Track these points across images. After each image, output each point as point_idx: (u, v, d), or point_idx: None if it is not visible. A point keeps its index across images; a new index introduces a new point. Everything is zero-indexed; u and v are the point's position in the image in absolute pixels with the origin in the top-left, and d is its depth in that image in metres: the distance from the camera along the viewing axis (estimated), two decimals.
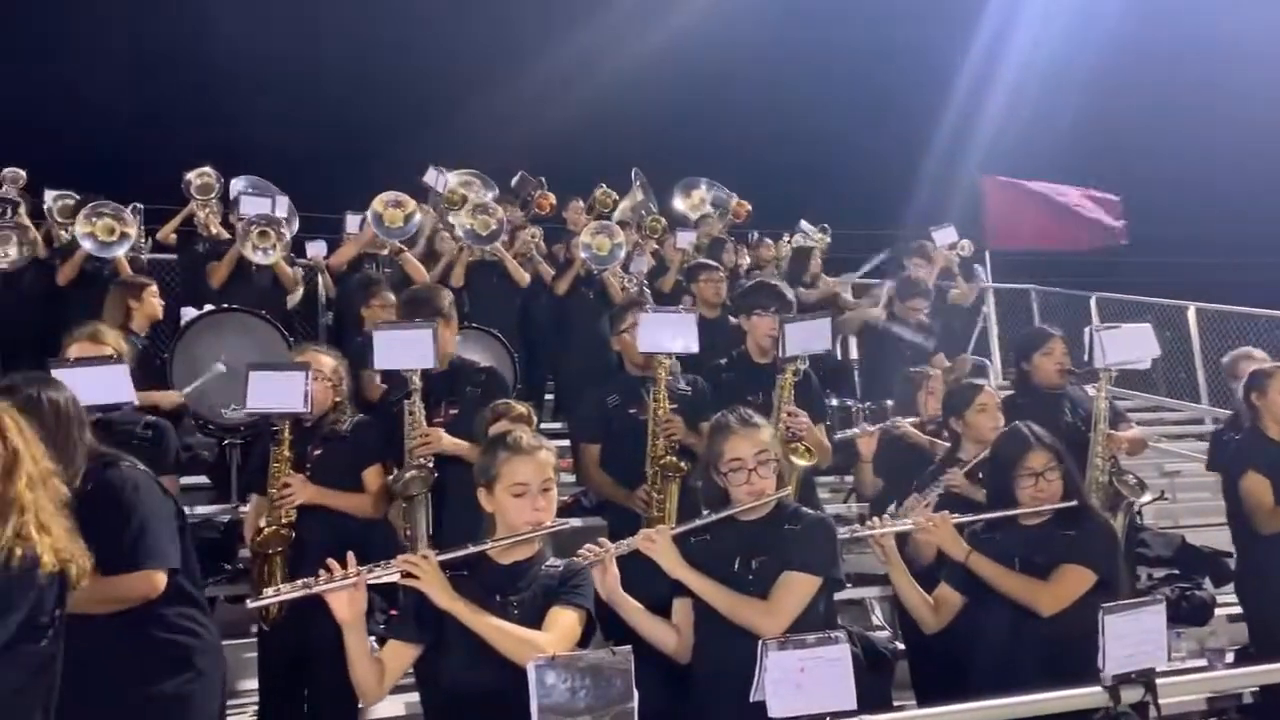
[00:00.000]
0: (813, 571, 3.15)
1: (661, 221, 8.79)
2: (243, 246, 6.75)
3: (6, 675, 2.24)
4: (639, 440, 4.40)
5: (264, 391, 4.04)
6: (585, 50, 14.43)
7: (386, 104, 13.65)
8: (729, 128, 14.51)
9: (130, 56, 12.16)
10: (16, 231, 6.38)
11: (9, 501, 2.26)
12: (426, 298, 4.63)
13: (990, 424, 4.44)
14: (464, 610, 2.79)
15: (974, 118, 16.56)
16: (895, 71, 15.74)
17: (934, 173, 15.42)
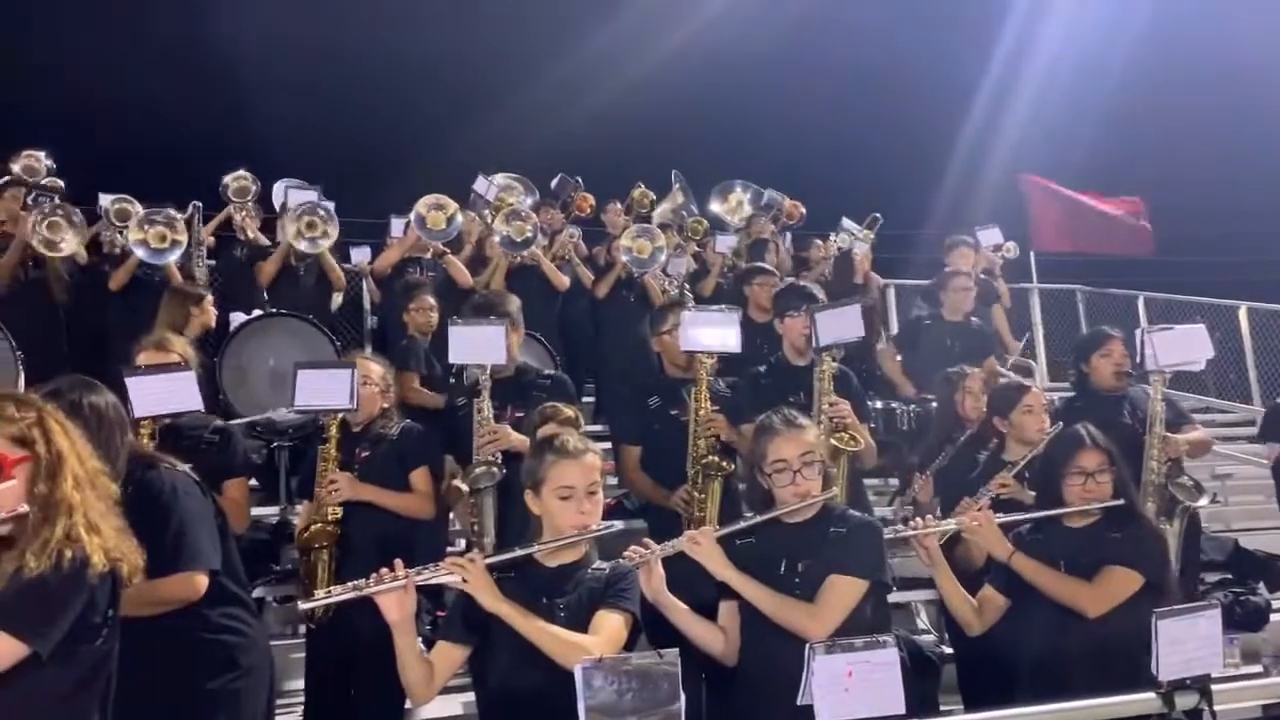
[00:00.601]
0: (859, 574, 3.13)
1: (703, 223, 8.78)
2: (290, 236, 6.83)
3: (63, 674, 2.27)
4: (680, 441, 4.41)
5: (312, 390, 4.11)
6: (606, 52, 14.42)
7: (416, 107, 13.66)
8: (752, 131, 14.40)
9: (170, 60, 12.34)
10: (64, 217, 6.51)
11: (56, 503, 2.29)
12: (495, 302, 4.72)
13: (1036, 425, 4.39)
14: (510, 613, 2.81)
15: (998, 121, 16.34)
16: (918, 73, 15.56)
17: (958, 176, 15.30)
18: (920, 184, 14.67)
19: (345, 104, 13.21)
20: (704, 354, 4.40)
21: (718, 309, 4.60)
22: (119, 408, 3.14)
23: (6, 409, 2.35)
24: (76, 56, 11.91)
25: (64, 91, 11.86)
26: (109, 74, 11.97)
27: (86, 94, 12.00)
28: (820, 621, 3.05)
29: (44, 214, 6.50)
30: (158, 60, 12.28)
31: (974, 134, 16.40)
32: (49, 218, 6.46)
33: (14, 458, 2.31)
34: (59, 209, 6.59)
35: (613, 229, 8.78)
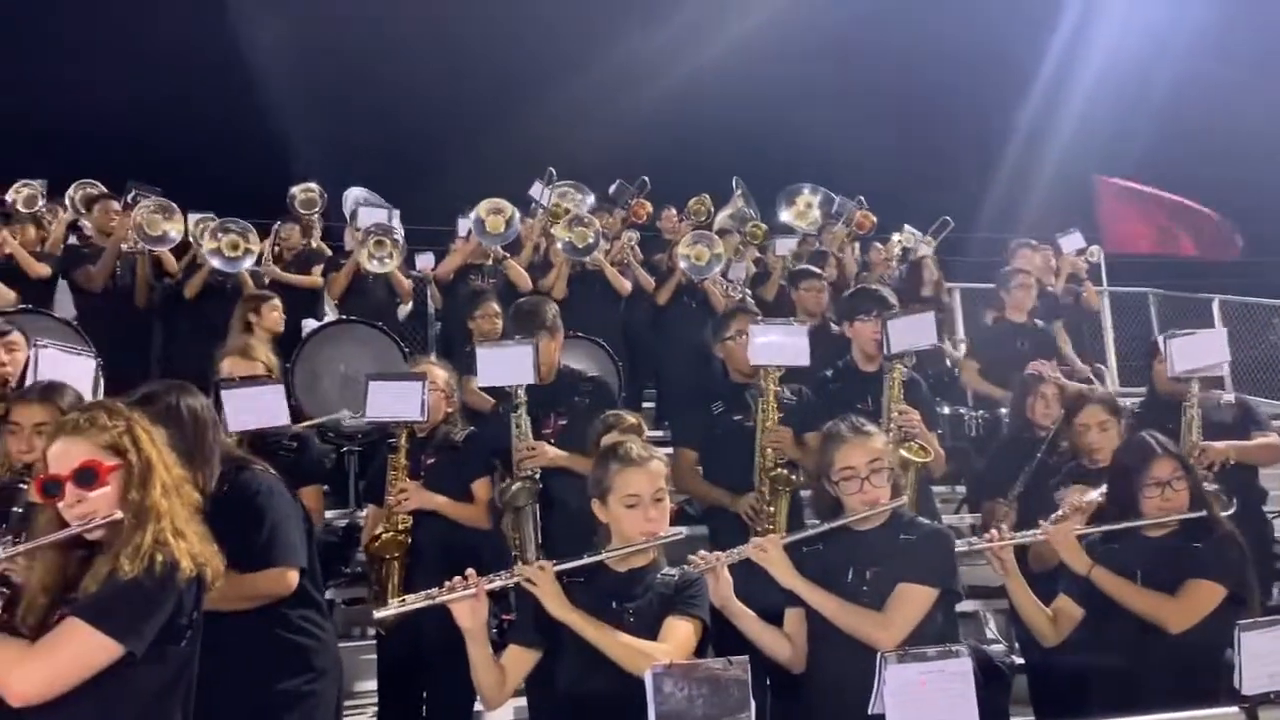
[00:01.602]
0: (929, 583, 3.10)
1: (763, 228, 8.71)
2: (360, 256, 6.97)
3: (152, 674, 2.34)
4: (743, 447, 4.39)
5: (383, 401, 4.17)
6: (649, 55, 14.34)
7: (460, 106, 13.67)
8: (800, 133, 14.19)
9: (237, 72, 12.59)
10: (162, 211, 6.73)
11: (147, 509, 2.37)
12: (531, 310, 4.74)
13: (1096, 443, 4.28)
14: (579, 621, 2.84)
15: (1054, 118, 15.94)
16: (970, 70, 15.22)
17: (1009, 176, 14.98)
18: (971, 184, 14.38)
19: (378, 109, 13.26)
20: (772, 367, 4.37)
21: (784, 321, 4.57)
22: (211, 408, 3.23)
23: (100, 418, 2.43)
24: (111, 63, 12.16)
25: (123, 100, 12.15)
26: (151, 80, 12.24)
27: (136, 100, 12.29)
28: (890, 630, 3.02)
29: (147, 210, 6.73)
30: (222, 70, 12.52)
31: (1028, 133, 16.02)
32: (150, 215, 6.69)
33: (109, 465, 2.39)
34: (156, 205, 6.80)
35: (669, 235, 8.79)
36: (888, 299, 4.89)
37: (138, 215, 6.69)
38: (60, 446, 2.40)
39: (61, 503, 2.37)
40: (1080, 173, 12.54)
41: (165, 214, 6.80)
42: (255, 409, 3.79)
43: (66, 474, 2.36)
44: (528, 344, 4.37)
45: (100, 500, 2.37)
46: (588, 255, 7.33)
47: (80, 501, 2.36)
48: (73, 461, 2.37)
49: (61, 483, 2.36)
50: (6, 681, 2.23)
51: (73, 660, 2.24)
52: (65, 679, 2.23)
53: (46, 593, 2.37)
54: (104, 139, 11.01)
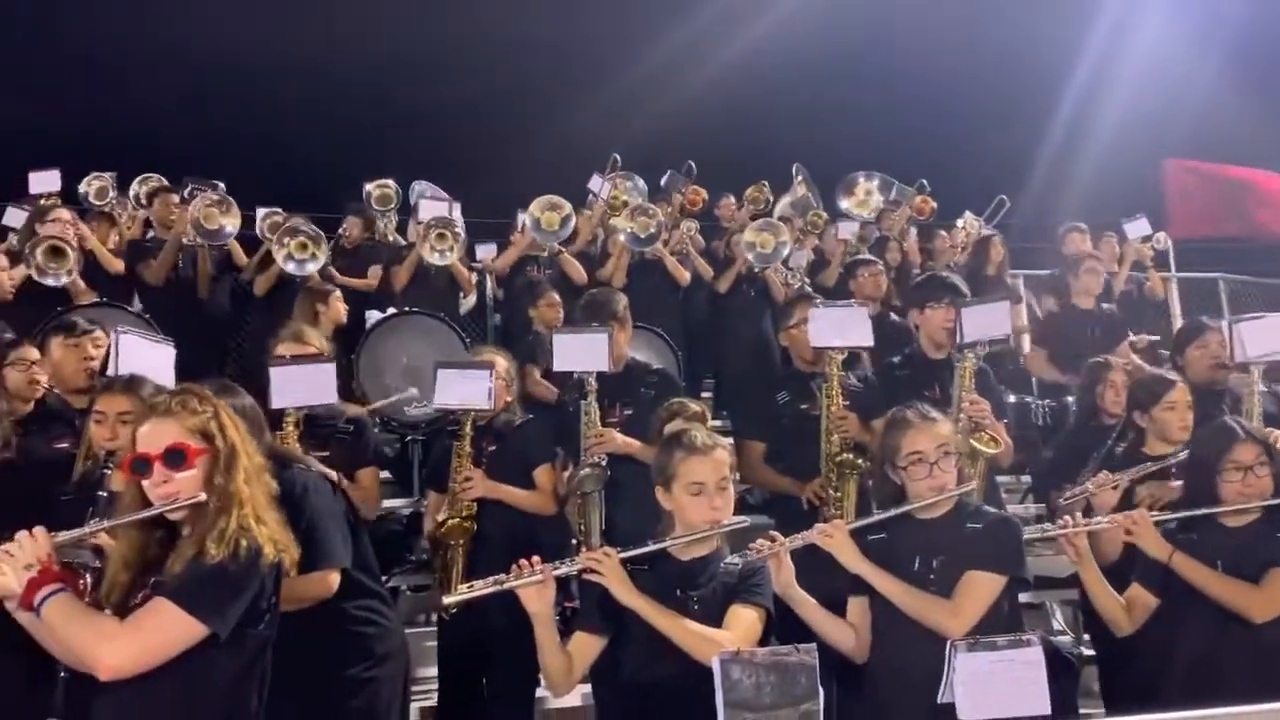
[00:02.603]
0: (997, 570, 3.06)
1: (823, 216, 8.65)
2: (421, 249, 7.06)
3: (233, 656, 2.41)
4: (810, 436, 4.38)
5: (451, 389, 4.23)
6: (690, 43, 14.19)
7: (508, 98, 13.63)
8: (848, 121, 13.94)
9: (313, 68, 12.74)
10: (219, 205, 6.84)
11: (231, 495, 2.44)
12: (603, 302, 4.79)
13: (1179, 423, 4.20)
14: (645, 606, 2.85)
15: (1097, 102, 15.45)
16: (1016, 51, 14.81)
17: (1049, 163, 14.62)
18: (1021, 171, 14.01)
19: (435, 104, 13.27)
20: (834, 349, 4.36)
21: (846, 304, 4.55)
22: (256, 409, 3.28)
23: (190, 402, 2.51)
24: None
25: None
26: (217, 74, 12.44)
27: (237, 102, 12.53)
28: (959, 618, 2.99)
29: (204, 203, 6.83)
30: (300, 67, 12.68)
31: (1072, 116, 15.56)
32: (206, 209, 6.79)
33: (197, 449, 2.45)
34: (213, 198, 6.91)
35: (727, 223, 8.75)
36: (959, 287, 4.83)
37: (194, 210, 6.79)
38: (150, 427, 2.47)
39: (147, 481, 2.44)
40: (1143, 157, 12.21)
41: (222, 208, 6.88)
42: (302, 387, 3.84)
43: (155, 454, 2.43)
44: (603, 331, 4.43)
45: (185, 482, 2.43)
46: (650, 245, 7.32)
47: (166, 481, 2.43)
48: (162, 442, 2.44)
49: (150, 462, 2.43)
50: (97, 655, 2.30)
51: (160, 638, 2.31)
52: (152, 656, 2.31)
53: (128, 569, 2.46)
54: (169, 132, 11.27)
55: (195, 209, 6.78)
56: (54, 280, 6.22)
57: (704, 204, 8.98)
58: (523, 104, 13.55)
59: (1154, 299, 8.47)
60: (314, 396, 3.91)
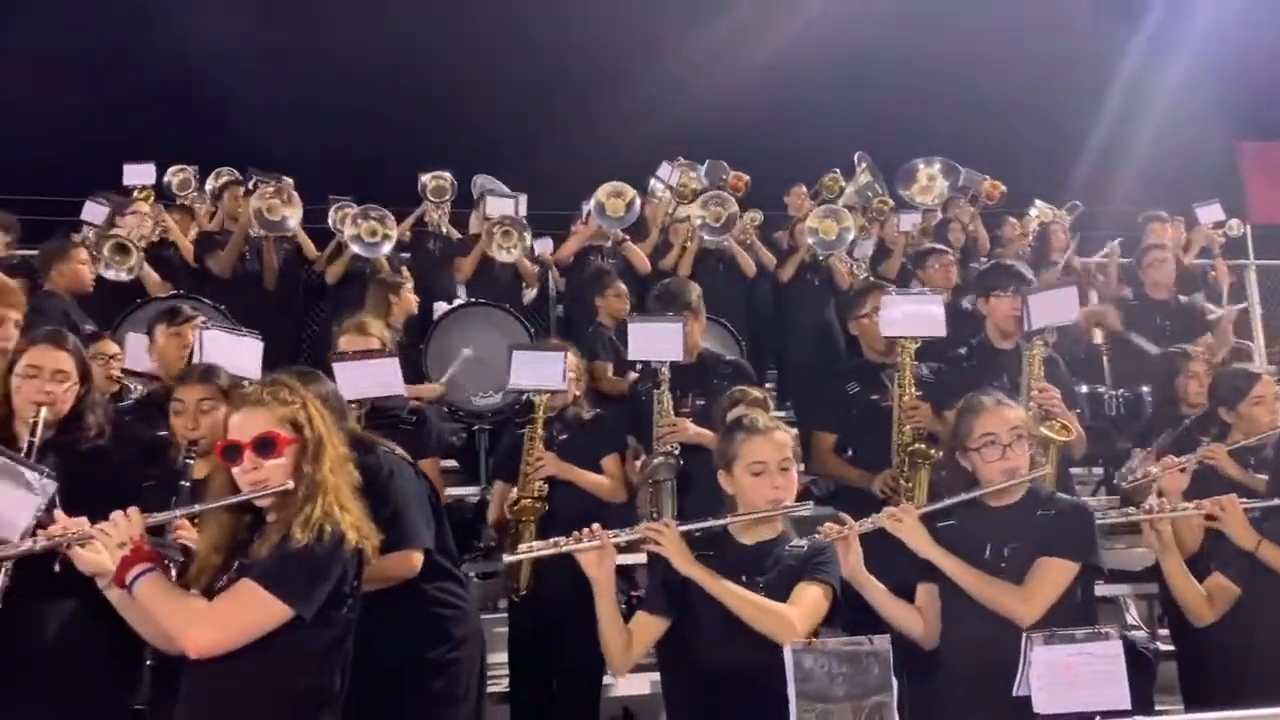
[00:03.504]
0: (1070, 556, 3.01)
1: (889, 203, 8.51)
2: (488, 246, 7.14)
3: (317, 638, 2.48)
4: (881, 427, 4.35)
5: (526, 371, 4.28)
6: (729, 36, 14.01)
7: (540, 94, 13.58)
8: (895, 106, 13.64)
9: (375, 60, 12.87)
10: (278, 195, 6.95)
11: (317, 483, 2.50)
12: (676, 292, 4.79)
13: (1268, 417, 4.08)
14: (705, 577, 2.85)
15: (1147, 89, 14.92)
16: (1066, 40, 14.37)
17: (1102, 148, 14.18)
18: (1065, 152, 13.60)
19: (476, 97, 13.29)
20: (906, 339, 4.33)
21: (918, 292, 4.50)
22: (338, 395, 3.36)
23: (281, 393, 2.59)
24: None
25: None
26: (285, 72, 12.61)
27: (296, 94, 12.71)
28: (1029, 604, 2.95)
29: (264, 197, 6.93)
30: (359, 60, 12.82)
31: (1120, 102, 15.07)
32: (269, 200, 6.89)
33: (286, 438, 2.53)
34: (272, 189, 7.00)
35: (796, 212, 8.67)
36: (1025, 274, 4.74)
37: (256, 201, 6.88)
38: (242, 416, 2.55)
39: (237, 468, 2.51)
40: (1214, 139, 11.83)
41: (283, 198, 6.96)
42: (368, 380, 3.91)
43: (246, 441, 2.50)
44: (678, 321, 4.44)
45: (274, 470, 2.51)
46: (725, 234, 7.28)
47: (256, 469, 2.50)
48: (253, 431, 2.51)
49: (241, 449, 2.50)
50: (185, 634, 2.39)
51: (247, 619, 2.39)
52: (239, 636, 2.39)
53: (218, 552, 2.54)
54: (242, 126, 11.48)
55: (258, 201, 6.87)
56: (115, 275, 6.40)
57: (747, 188, 8.88)
58: (568, 96, 13.50)
59: (1218, 286, 8.23)
60: (381, 388, 3.98)
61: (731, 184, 8.51)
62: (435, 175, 8.30)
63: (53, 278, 5.85)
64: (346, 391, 3.87)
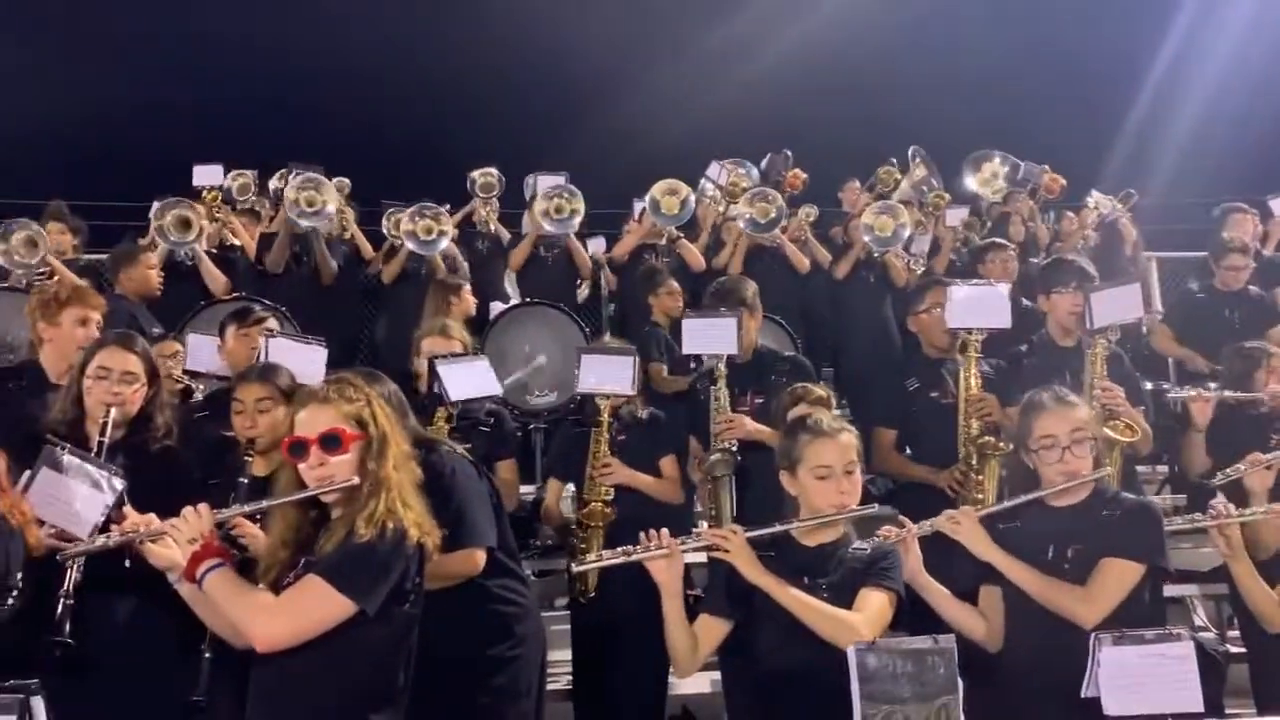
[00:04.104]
0: (1136, 557, 2.96)
1: (945, 198, 8.41)
2: (536, 212, 7.14)
3: (380, 633, 2.50)
4: (942, 424, 4.32)
5: (595, 374, 4.29)
6: (746, 33, 13.87)
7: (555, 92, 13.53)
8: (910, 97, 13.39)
9: (423, 60, 13.00)
10: (314, 184, 6.91)
11: (381, 480, 2.54)
12: (732, 289, 4.79)
13: None
14: (772, 584, 2.84)
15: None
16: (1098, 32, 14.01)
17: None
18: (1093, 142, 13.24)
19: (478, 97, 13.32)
20: (971, 332, 4.28)
21: (984, 283, 4.45)
22: (400, 395, 3.39)
23: (346, 390, 2.63)
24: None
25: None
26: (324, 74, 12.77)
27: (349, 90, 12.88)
28: (1094, 606, 2.90)
29: (297, 188, 6.88)
30: (409, 60, 12.95)
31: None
32: (304, 190, 6.84)
33: (351, 434, 2.56)
34: (304, 180, 6.97)
35: (851, 208, 8.59)
36: (1087, 270, 4.67)
37: (291, 193, 6.82)
38: (308, 413, 2.60)
39: (304, 464, 2.56)
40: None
41: (313, 184, 6.90)
42: (471, 380, 3.97)
43: (312, 438, 2.55)
44: (732, 316, 4.44)
45: (339, 466, 2.55)
46: (771, 230, 7.26)
47: (322, 465, 2.54)
48: (319, 427, 2.56)
49: (307, 445, 2.55)
50: (253, 628, 2.44)
51: (312, 614, 2.43)
52: (305, 631, 2.43)
53: (286, 547, 2.58)
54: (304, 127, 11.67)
55: (293, 193, 6.81)
56: (176, 246, 6.48)
57: (804, 186, 8.82)
58: (592, 96, 13.48)
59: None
60: (484, 389, 4.05)
61: (789, 181, 8.47)
62: (484, 171, 8.34)
63: (121, 281, 5.99)
64: (453, 393, 3.94)
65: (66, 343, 4.16)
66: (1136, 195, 8.86)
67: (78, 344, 4.03)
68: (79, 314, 4.22)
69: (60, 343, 4.20)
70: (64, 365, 4.13)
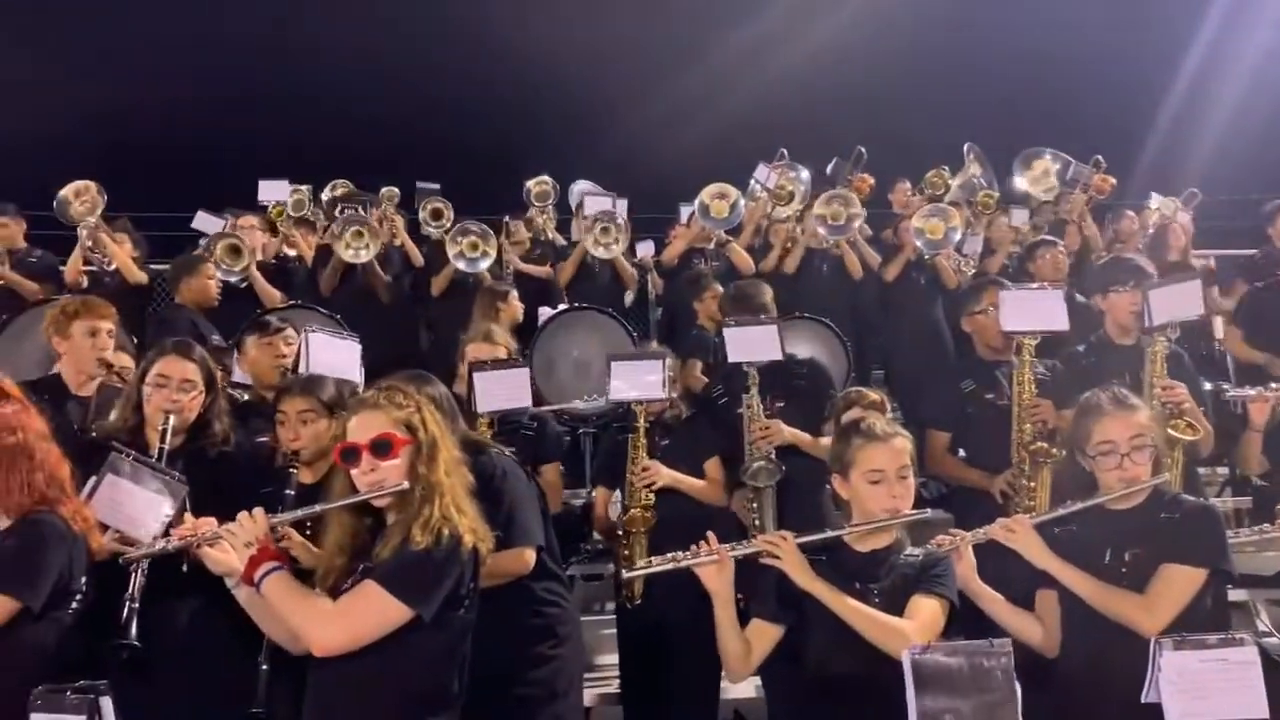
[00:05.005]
0: (1197, 563, 2.89)
1: (994, 197, 8.31)
2: (586, 242, 7.20)
3: (436, 638, 2.53)
4: (997, 426, 4.27)
5: (626, 381, 4.30)
6: (781, 23, 13.73)
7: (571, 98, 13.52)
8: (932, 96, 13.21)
9: (486, 68, 13.09)
10: (368, 229, 7.05)
11: (434, 485, 2.57)
12: (750, 294, 4.85)
13: None
14: (824, 591, 2.82)
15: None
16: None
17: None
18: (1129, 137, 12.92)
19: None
20: (1027, 335, 4.23)
21: (1038, 286, 4.39)
22: (450, 398, 3.43)
23: (396, 396, 2.67)
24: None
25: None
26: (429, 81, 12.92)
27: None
28: (1154, 614, 2.84)
29: (342, 224, 7.04)
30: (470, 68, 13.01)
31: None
32: (349, 226, 7.00)
33: (402, 439, 2.60)
34: (353, 220, 7.10)
35: (900, 209, 8.53)
36: (1145, 268, 4.60)
37: (339, 248, 6.92)
38: (360, 419, 2.64)
39: (355, 469, 2.60)
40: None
41: (368, 230, 7.00)
42: (504, 390, 3.99)
43: (364, 444, 2.59)
44: (773, 323, 4.46)
45: (390, 471, 2.58)
46: (845, 234, 7.20)
47: (374, 470, 2.58)
48: (370, 433, 2.60)
49: (359, 451, 2.59)
50: (312, 633, 2.48)
51: (370, 620, 2.46)
52: (362, 636, 2.46)
53: (343, 552, 2.63)
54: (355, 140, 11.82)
55: (340, 247, 6.92)
56: (225, 275, 6.59)
57: (872, 191, 8.77)
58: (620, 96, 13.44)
59: None
60: (513, 400, 4.06)
61: (856, 185, 8.44)
62: (538, 180, 8.41)
63: (181, 291, 6.13)
64: (482, 404, 3.97)
65: (79, 353, 4.29)
66: (1200, 195, 8.69)
67: (91, 354, 4.17)
68: (88, 325, 4.33)
69: (74, 354, 4.32)
70: (80, 376, 4.29)
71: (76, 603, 2.74)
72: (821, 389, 4.67)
